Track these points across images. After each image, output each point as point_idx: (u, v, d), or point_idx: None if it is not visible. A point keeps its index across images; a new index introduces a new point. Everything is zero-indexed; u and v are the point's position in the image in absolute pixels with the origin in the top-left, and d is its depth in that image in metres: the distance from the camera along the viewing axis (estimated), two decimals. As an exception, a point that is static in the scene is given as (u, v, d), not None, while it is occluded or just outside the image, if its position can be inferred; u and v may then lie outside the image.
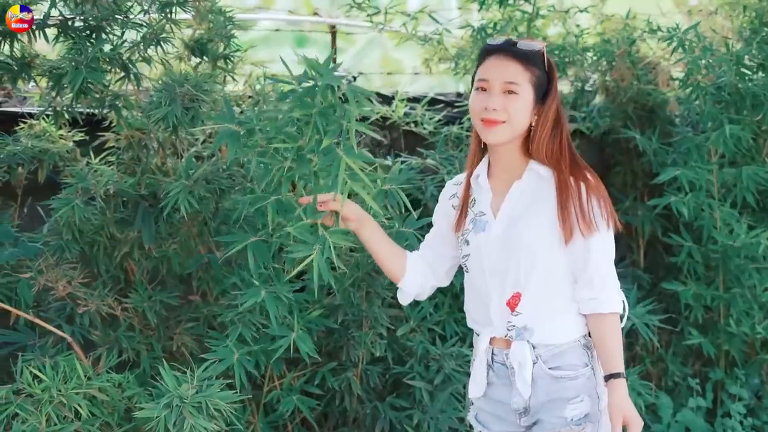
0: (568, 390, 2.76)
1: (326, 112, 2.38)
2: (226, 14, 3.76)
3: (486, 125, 2.69)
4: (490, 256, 2.75)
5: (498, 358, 2.81)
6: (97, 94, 3.42)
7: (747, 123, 4.23)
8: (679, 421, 4.39)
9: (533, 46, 2.72)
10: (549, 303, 2.76)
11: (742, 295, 4.33)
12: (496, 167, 2.81)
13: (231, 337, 3.21)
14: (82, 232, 3.44)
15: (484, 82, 2.70)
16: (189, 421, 2.82)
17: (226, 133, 2.67)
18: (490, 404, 2.87)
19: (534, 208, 2.72)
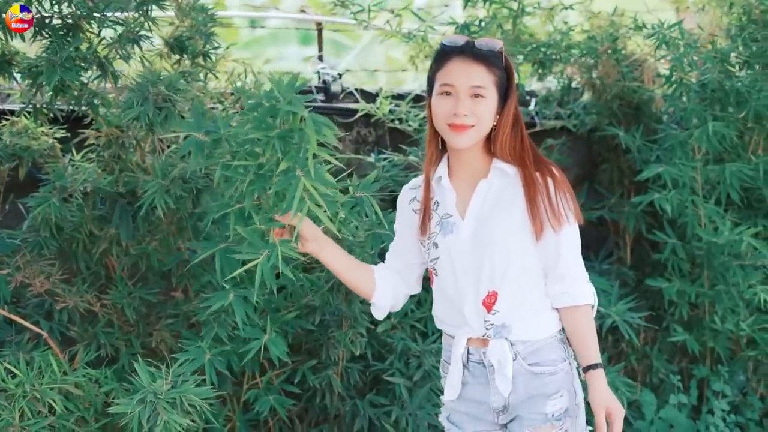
0: (548, 386, 2.77)
1: (286, 136, 2.37)
2: (207, 11, 3.78)
3: (455, 130, 2.67)
4: (462, 257, 2.73)
5: (474, 358, 2.80)
6: (75, 91, 3.44)
7: (731, 120, 4.22)
8: (663, 418, 4.38)
9: (493, 46, 2.71)
10: (525, 300, 2.75)
11: (726, 292, 4.32)
12: (458, 168, 2.79)
13: (206, 338, 3.22)
14: (61, 228, 3.46)
15: (449, 87, 2.67)
16: (162, 416, 2.83)
17: (192, 142, 2.67)
18: (464, 404, 2.85)
19: (503, 206, 2.72)
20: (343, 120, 4.47)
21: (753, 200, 4.49)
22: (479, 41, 2.71)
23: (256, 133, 2.39)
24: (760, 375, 4.51)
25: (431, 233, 2.79)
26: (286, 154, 2.37)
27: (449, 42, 2.74)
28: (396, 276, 2.93)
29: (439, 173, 2.80)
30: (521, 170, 2.73)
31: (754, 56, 4.27)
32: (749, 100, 4.15)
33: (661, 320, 4.60)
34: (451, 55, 2.70)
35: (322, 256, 2.79)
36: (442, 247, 2.76)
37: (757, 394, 4.57)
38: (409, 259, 2.92)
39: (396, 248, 2.96)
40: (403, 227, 2.92)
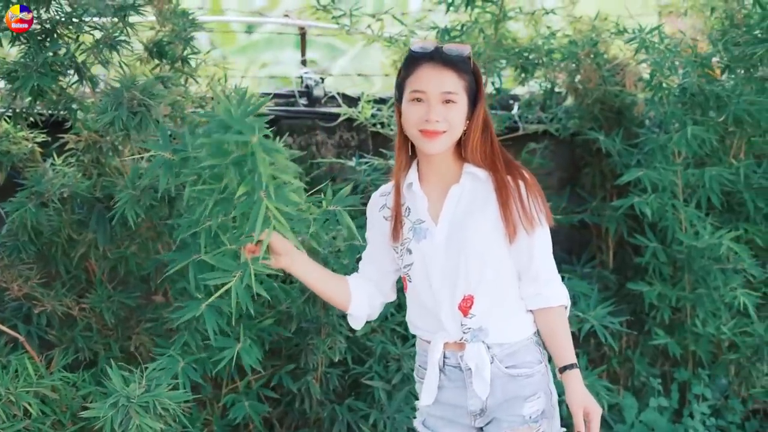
0: (525, 388, 2.79)
1: (240, 161, 2.34)
2: (188, 16, 3.80)
3: (427, 137, 2.68)
4: (436, 263, 2.74)
5: (450, 362, 2.81)
6: (54, 96, 3.46)
7: (711, 124, 4.23)
8: (643, 421, 4.39)
9: (461, 51, 2.72)
10: (501, 303, 2.77)
11: (708, 296, 4.33)
12: (429, 173, 2.80)
13: (175, 345, 3.23)
14: (39, 233, 3.47)
15: (420, 93, 2.68)
16: (135, 420, 2.84)
17: (159, 161, 2.67)
18: (440, 408, 2.86)
19: (476, 210, 2.73)
20: (325, 124, 4.49)
21: (735, 204, 4.51)
22: (447, 47, 2.72)
23: (211, 159, 2.38)
24: (741, 378, 4.51)
25: (404, 239, 2.80)
26: (243, 178, 2.37)
27: (418, 48, 2.74)
28: (371, 285, 2.93)
29: (410, 179, 2.81)
30: (492, 174, 2.75)
31: (734, 60, 4.27)
32: (729, 104, 4.16)
33: (643, 324, 4.61)
34: (421, 61, 2.71)
35: (295, 270, 2.78)
36: (416, 252, 2.77)
37: (739, 397, 4.57)
38: (382, 266, 2.92)
39: (369, 256, 2.96)
40: (374, 235, 2.92)
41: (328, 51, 10.20)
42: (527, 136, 4.73)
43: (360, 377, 3.86)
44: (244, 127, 2.31)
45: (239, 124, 2.31)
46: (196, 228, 2.64)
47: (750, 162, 4.38)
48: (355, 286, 2.90)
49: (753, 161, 4.42)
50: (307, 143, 4.44)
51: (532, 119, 4.74)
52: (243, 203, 2.41)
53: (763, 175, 4.41)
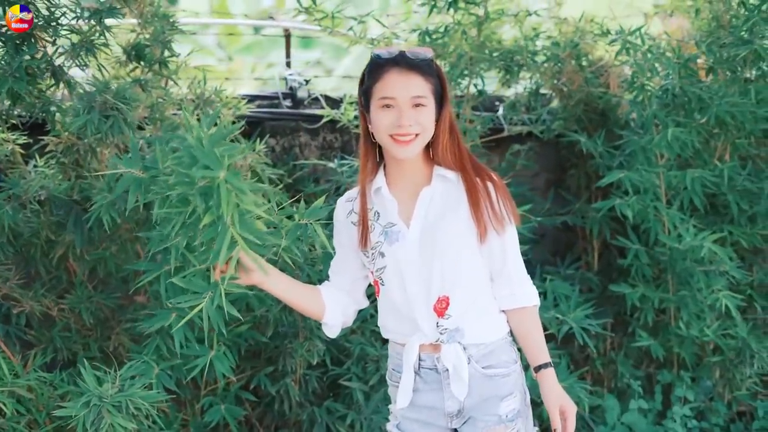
0: (501, 387, 2.82)
1: (206, 192, 2.37)
2: (169, 19, 3.82)
3: (399, 142, 2.71)
4: (411, 265, 2.76)
5: (426, 364, 2.83)
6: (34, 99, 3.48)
7: (693, 126, 4.23)
8: (624, 423, 4.40)
9: (425, 54, 2.74)
10: (475, 303, 2.79)
11: (691, 298, 4.32)
12: (398, 177, 2.81)
13: (148, 350, 3.24)
14: (19, 234, 3.49)
15: (389, 100, 2.70)
16: (107, 419, 2.86)
17: (129, 178, 2.67)
18: (415, 411, 2.87)
19: (448, 211, 2.76)
20: (309, 126, 4.51)
21: (719, 206, 4.50)
22: (410, 51, 2.74)
23: (179, 187, 2.40)
24: (725, 380, 4.51)
25: (375, 243, 2.80)
26: (209, 208, 2.39)
27: (382, 54, 2.76)
28: (343, 294, 2.94)
29: (378, 184, 2.82)
30: (462, 175, 2.79)
31: (718, 62, 4.27)
32: (711, 106, 4.15)
33: (627, 325, 4.61)
34: (386, 67, 2.73)
35: (268, 286, 2.79)
36: (389, 256, 2.78)
37: (724, 399, 4.57)
38: (352, 274, 2.93)
39: (338, 265, 2.96)
40: (342, 242, 2.92)
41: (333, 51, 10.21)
42: (512, 137, 4.74)
43: (338, 378, 3.88)
44: (211, 162, 2.33)
45: (207, 158, 2.32)
46: (167, 244, 2.64)
47: (734, 164, 4.37)
48: (327, 295, 2.91)
49: (737, 163, 4.42)
50: (290, 145, 4.46)
51: (517, 121, 4.74)
52: (208, 231, 2.44)
53: (748, 177, 4.41)
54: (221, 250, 2.43)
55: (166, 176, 2.52)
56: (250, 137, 4.14)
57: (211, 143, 2.36)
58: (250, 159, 3.96)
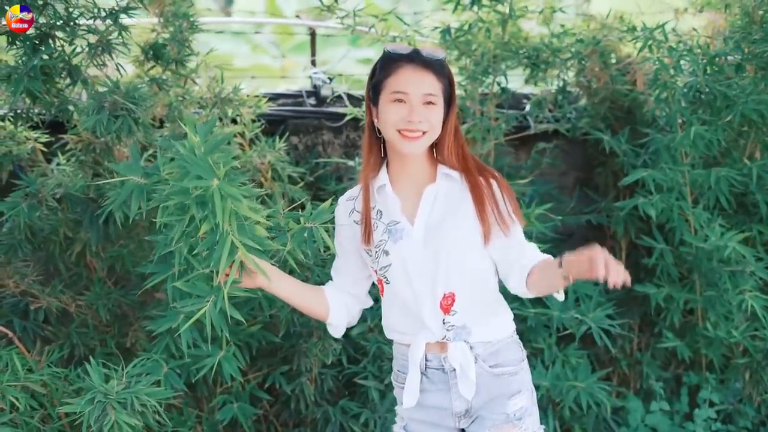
0: (509, 386, 2.83)
1: (203, 200, 2.39)
2: (189, 18, 3.86)
3: (407, 138, 2.72)
4: (416, 262, 2.76)
5: (433, 364, 2.83)
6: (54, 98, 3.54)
7: (719, 124, 4.15)
8: (648, 425, 4.34)
9: (439, 54, 2.77)
10: (481, 300, 2.81)
11: (718, 299, 4.25)
12: (402, 175, 2.83)
13: (157, 348, 3.27)
14: (38, 231, 3.56)
15: (402, 95, 2.72)
16: (111, 416, 2.90)
17: (130, 186, 2.71)
18: (423, 412, 2.88)
19: (453, 209, 2.77)
20: (332, 124, 4.52)
21: (749, 205, 4.41)
22: (425, 50, 2.77)
23: (175, 197, 2.42)
24: (754, 383, 4.42)
25: (378, 241, 2.81)
26: (206, 217, 2.42)
27: (397, 50, 2.78)
28: (346, 294, 2.95)
29: (382, 181, 2.83)
30: (466, 175, 2.81)
31: (746, 59, 4.19)
32: (737, 103, 4.07)
33: (654, 326, 4.54)
34: (400, 62, 2.75)
35: (273, 289, 2.81)
36: (394, 253, 2.78)
37: (754, 402, 4.48)
38: (355, 274, 2.94)
39: (340, 266, 2.97)
40: (344, 241, 2.92)
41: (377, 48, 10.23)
42: (539, 135, 4.70)
43: (355, 377, 3.88)
44: (204, 171, 2.36)
45: (199, 167, 2.35)
46: (171, 248, 2.66)
47: (764, 162, 4.28)
48: (331, 296, 2.93)
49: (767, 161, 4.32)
50: (313, 143, 4.48)
51: (543, 118, 4.70)
52: (207, 239, 2.47)
53: (778, 176, 4.32)
54: (221, 257, 2.46)
55: (166, 183, 2.54)
56: (273, 135, 4.16)
57: (205, 152, 2.39)
58: (270, 157, 3.99)
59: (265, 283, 2.75)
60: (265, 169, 3.98)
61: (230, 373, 3.29)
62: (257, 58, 10.59)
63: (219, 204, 2.37)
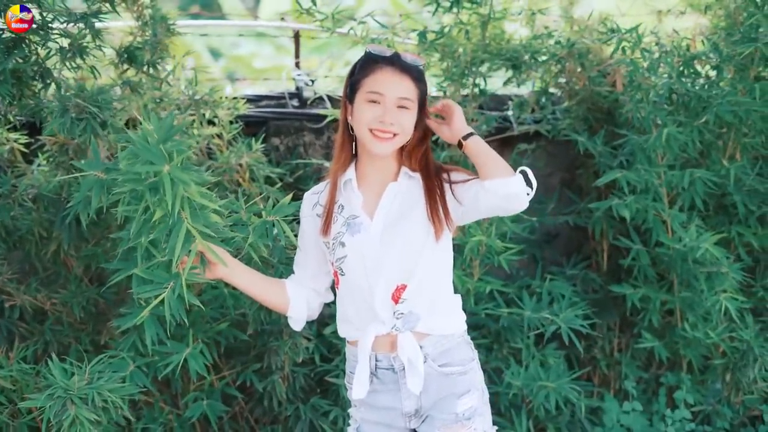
0: (459, 385, 2.86)
1: (155, 187, 2.46)
2: (166, 21, 3.92)
3: (378, 138, 2.81)
4: (371, 255, 2.83)
5: (383, 364, 2.88)
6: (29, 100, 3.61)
7: (695, 126, 4.15)
8: (624, 425, 4.35)
9: (417, 61, 2.86)
10: (432, 293, 2.87)
11: (694, 300, 4.25)
12: (369, 173, 2.91)
13: (124, 345, 3.33)
14: (14, 231, 3.63)
15: (377, 95, 2.80)
16: (71, 411, 2.96)
17: (91, 181, 2.77)
18: (374, 413, 2.93)
19: (411, 206, 2.85)
20: (314, 125, 4.57)
21: (728, 206, 4.41)
22: (405, 55, 2.86)
23: (128, 184, 2.49)
24: (732, 384, 4.42)
25: (336, 233, 2.88)
26: (159, 203, 2.48)
27: (377, 51, 2.87)
28: (306, 288, 3.02)
29: (348, 176, 2.92)
30: (423, 179, 2.89)
31: (724, 60, 4.19)
32: (711, 105, 4.07)
33: (633, 327, 4.55)
34: (380, 64, 2.83)
35: (233, 280, 2.90)
36: (350, 245, 2.85)
37: (733, 403, 4.48)
38: (315, 268, 3.01)
39: (301, 260, 3.05)
40: (306, 235, 3.00)
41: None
42: (519, 137, 4.72)
43: (327, 375, 3.93)
44: (155, 157, 2.42)
45: (151, 153, 2.41)
46: (134, 242, 2.72)
47: (741, 164, 4.28)
48: (292, 289, 3.00)
49: (747, 163, 4.32)
50: (294, 144, 4.53)
51: (525, 120, 4.72)
52: (162, 225, 2.54)
53: (757, 177, 4.31)
54: (176, 244, 2.51)
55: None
56: (255, 137, 4.21)
57: (158, 140, 2.45)
58: (248, 158, 4.05)
59: (224, 273, 2.83)
60: (242, 170, 4.04)
61: (196, 370, 3.33)
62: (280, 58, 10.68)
63: (169, 189, 2.42)
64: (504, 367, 4.20)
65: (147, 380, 3.34)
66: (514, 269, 4.55)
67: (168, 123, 2.49)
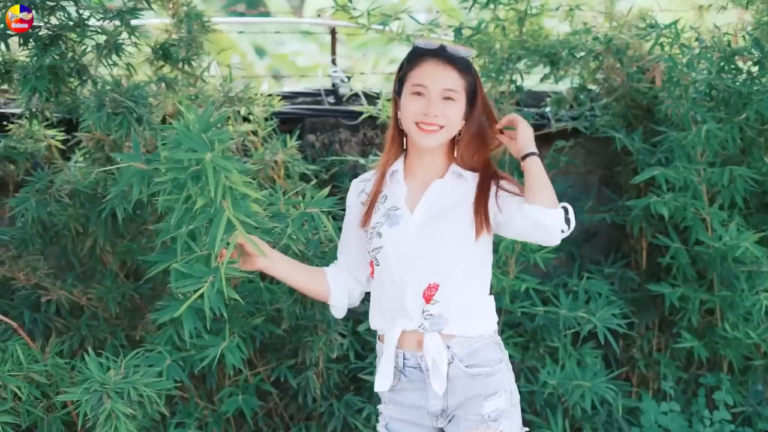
0: (486, 387, 2.83)
1: (198, 175, 2.47)
2: (202, 18, 3.94)
3: (423, 131, 2.79)
4: (407, 249, 2.81)
5: (410, 362, 2.87)
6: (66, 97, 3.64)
7: (735, 122, 4.09)
8: (661, 426, 4.29)
9: (465, 52, 2.84)
10: (465, 295, 2.84)
11: (735, 299, 4.18)
12: (417, 167, 2.90)
13: (160, 339, 3.34)
14: (51, 226, 3.66)
15: (422, 88, 2.79)
16: (106, 405, 2.97)
17: (132, 171, 2.77)
18: (402, 411, 2.92)
19: (454, 205, 2.83)
20: (349, 122, 4.56)
21: (774, 203, 4.36)
22: (452, 47, 2.84)
23: (170, 173, 2.50)
24: (774, 384, 4.36)
25: (375, 223, 2.88)
26: (201, 191, 2.49)
27: (423, 44, 2.86)
28: (347, 276, 3.01)
29: (396, 167, 2.91)
30: (480, 177, 2.86)
31: (767, 56, 4.12)
32: (752, 101, 4.01)
33: (673, 326, 4.49)
34: (425, 56, 2.83)
35: (272, 271, 2.90)
36: (387, 237, 2.84)
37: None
38: (356, 256, 3.00)
39: (343, 247, 3.05)
40: (350, 222, 3.01)
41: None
42: (557, 133, 4.67)
43: (360, 372, 3.92)
44: (198, 145, 2.43)
45: (193, 141, 2.43)
46: (173, 233, 2.73)
47: (787, 160, 4.22)
48: (332, 277, 3.00)
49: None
50: (330, 141, 4.53)
51: (564, 117, 4.67)
52: (203, 214, 2.54)
53: (800, 175, 4.24)
54: (217, 234, 2.52)
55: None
56: (290, 134, 4.21)
57: (199, 129, 2.46)
58: (282, 155, 4.05)
59: (264, 264, 2.83)
60: (277, 166, 4.04)
61: (233, 364, 3.33)
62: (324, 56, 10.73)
63: (212, 175, 2.43)
64: (540, 366, 4.16)
65: (183, 374, 3.35)
66: (551, 267, 4.50)
67: (208, 114, 2.51)
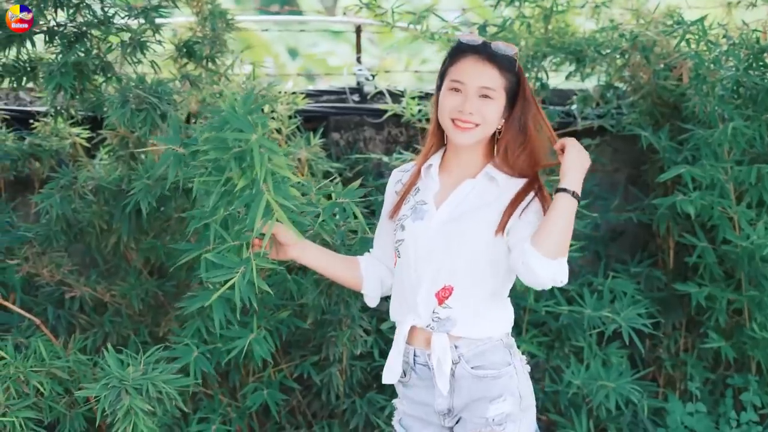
0: (491, 389, 2.80)
1: (240, 157, 2.47)
2: (225, 16, 3.95)
3: (458, 128, 2.75)
4: (426, 245, 2.79)
5: (420, 360, 2.86)
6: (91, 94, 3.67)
7: (762, 120, 4.03)
8: (688, 426, 4.25)
9: (508, 50, 2.77)
10: (478, 301, 2.80)
11: (763, 298, 4.13)
12: (453, 164, 2.86)
13: (187, 332, 3.35)
14: (75, 223, 3.69)
15: (459, 84, 2.75)
16: (125, 401, 2.99)
17: (169, 154, 2.79)
18: (413, 407, 2.92)
19: (481, 207, 2.77)
20: (374, 120, 4.56)
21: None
22: (495, 43, 2.78)
23: (213, 153, 2.51)
24: (804, 386, 4.29)
25: (402, 215, 2.86)
26: (243, 173, 2.49)
27: (466, 40, 2.81)
28: (381, 266, 3.01)
29: (432, 162, 2.88)
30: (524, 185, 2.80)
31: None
32: (779, 98, 3.96)
33: (701, 326, 4.44)
34: (466, 52, 2.78)
35: (305, 260, 2.90)
36: (409, 230, 2.82)
37: (806, 406, 4.35)
38: (389, 246, 2.97)
39: (378, 236, 3.04)
40: (385, 210, 3.00)
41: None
42: (584, 132, 4.63)
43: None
44: (244, 125, 2.45)
45: (240, 122, 2.44)
46: (207, 220, 2.75)
47: (814, 159, 4.15)
48: (366, 267, 3.00)
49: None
50: (354, 139, 4.53)
51: (590, 115, 4.64)
52: (244, 196, 2.55)
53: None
54: (257, 215, 2.52)
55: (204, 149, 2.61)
56: (314, 132, 4.21)
57: (245, 111, 2.48)
58: (306, 153, 4.05)
59: (296, 253, 2.84)
60: (301, 164, 4.04)
61: (261, 357, 3.31)
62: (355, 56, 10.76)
63: (257, 156, 2.44)
64: (565, 365, 4.13)
65: (210, 366, 3.35)
66: (576, 266, 4.47)
67: (251, 97, 2.52)
